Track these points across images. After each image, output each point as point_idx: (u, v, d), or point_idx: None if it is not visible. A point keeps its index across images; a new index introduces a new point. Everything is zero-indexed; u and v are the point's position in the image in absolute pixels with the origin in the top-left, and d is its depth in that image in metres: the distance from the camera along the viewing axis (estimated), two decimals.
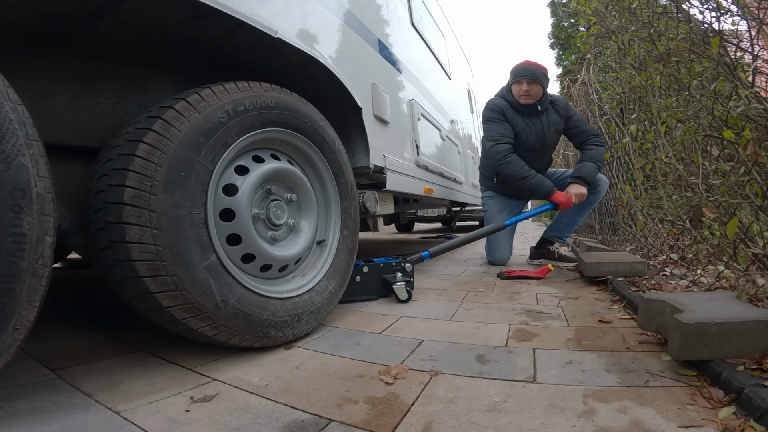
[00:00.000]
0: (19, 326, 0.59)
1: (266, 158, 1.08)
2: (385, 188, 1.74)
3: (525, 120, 2.25)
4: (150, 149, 0.79)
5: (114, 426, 0.63)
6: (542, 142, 2.28)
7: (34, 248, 0.60)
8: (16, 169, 0.58)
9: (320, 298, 1.13)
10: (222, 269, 0.88)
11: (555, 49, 14.40)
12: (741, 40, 1.23)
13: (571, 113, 2.33)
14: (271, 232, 1.07)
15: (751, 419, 0.59)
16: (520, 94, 2.21)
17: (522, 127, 2.24)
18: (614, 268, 1.64)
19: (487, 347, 0.98)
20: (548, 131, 2.28)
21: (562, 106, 2.31)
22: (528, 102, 2.21)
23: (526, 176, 2.14)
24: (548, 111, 2.29)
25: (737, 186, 1.12)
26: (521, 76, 2.20)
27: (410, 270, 1.60)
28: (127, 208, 0.75)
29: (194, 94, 0.88)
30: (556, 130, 2.31)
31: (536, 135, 2.25)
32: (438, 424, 0.63)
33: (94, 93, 0.95)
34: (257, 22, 0.98)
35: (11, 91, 0.59)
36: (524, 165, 2.15)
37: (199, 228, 0.84)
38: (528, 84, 2.18)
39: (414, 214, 5.77)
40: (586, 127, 2.31)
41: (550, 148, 2.35)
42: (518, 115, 2.25)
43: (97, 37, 0.91)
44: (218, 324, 0.86)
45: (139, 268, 0.76)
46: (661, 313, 0.90)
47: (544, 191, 2.15)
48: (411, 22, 2.39)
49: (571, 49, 12.62)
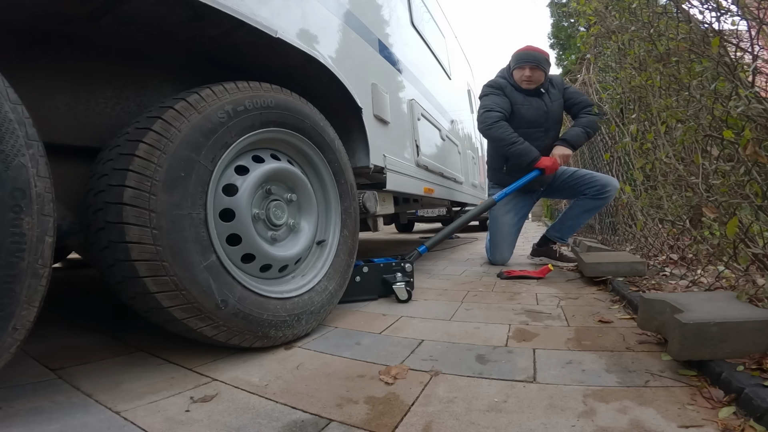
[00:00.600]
0: (19, 326, 0.59)
1: (266, 158, 1.08)
2: (385, 188, 1.74)
3: (524, 97, 2.28)
4: (150, 149, 0.79)
5: (114, 426, 0.63)
6: (545, 116, 2.29)
7: (33, 248, 0.60)
8: (16, 169, 0.58)
9: (320, 298, 1.13)
10: (222, 269, 0.88)
11: (555, 49, 14.40)
12: (741, 40, 1.23)
13: (567, 86, 2.40)
14: (271, 232, 1.07)
15: (751, 419, 0.59)
16: (522, 79, 2.23)
17: (521, 102, 2.26)
18: (614, 268, 1.64)
19: (487, 347, 0.98)
20: (551, 106, 2.30)
21: (558, 82, 2.37)
22: (530, 87, 2.25)
23: (515, 141, 2.17)
24: (549, 90, 2.33)
25: (737, 186, 1.12)
26: (524, 61, 2.21)
27: (410, 270, 1.60)
28: (127, 208, 0.75)
29: (194, 94, 0.88)
30: (559, 104, 2.33)
31: (537, 109, 2.27)
32: (438, 424, 0.63)
33: (94, 93, 0.94)
34: (257, 22, 0.98)
35: (11, 91, 0.59)
36: (513, 132, 2.19)
37: (199, 228, 0.84)
38: (531, 70, 2.20)
39: (414, 214, 5.78)
40: (581, 98, 2.36)
41: (555, 123, 2.35)
42: (517, 91, 2.28)
43: (97, 37, 0.91)
44: (218, 324, 0.86)
45: (139, 268, 0.76)
46: (661, 313, 0.90)
47: (531, 158, 2.18)
48: (411, 22, 2.38)
49: (571, 49, 12.62)
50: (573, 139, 2.23)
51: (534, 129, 2.26)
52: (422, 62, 2.55)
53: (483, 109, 2.26)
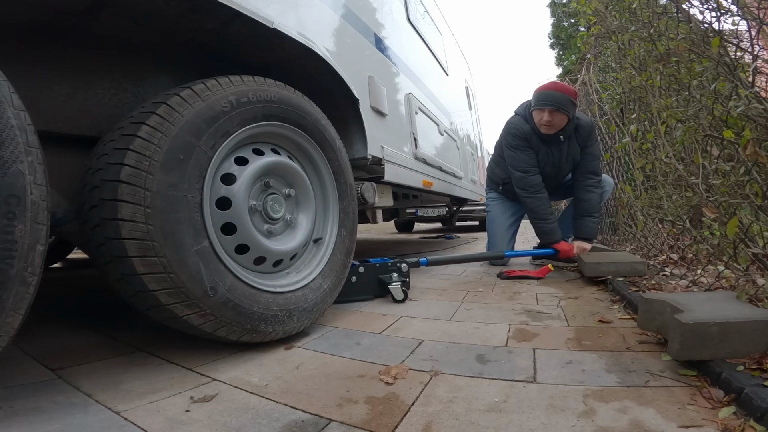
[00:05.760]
0: (3, 333, 0.58)
1: (266, 152, 1.08)
2: (384, 179, 1.75)
3: (545, 148, 2.12)
4: (152, 131, 0.80)
5: (114, 426, 0.63)
6: (557, 172, 2.19)
7: (24, 256, 0.59)
8: (13, 176, 0.58)
9: (314, 296, 1.12)
10: (214, 256, 0.88)
11: (555, 49, 14.41)
12: (741, 40, 1.23)
13: (589, 144, 2.13)
14: (268, 225, 1.07)
15: (751, 419, 0.59)
16: (541, 123, 2.01)
17: (542, 156, 2.13)
18: (614, 268, 1.64)
19: (487, 347, 0.98)
20: (565, 162, 2.14)
21: (583, 135, 2.11)
22: (549, 132, 2.04)
23: (547, 219, 2.08)
24: (570, 139, 2.10)
25: (737, 186, 1.12)
26: (544, 104, 1.98)
27: (406, 270, 1.59)
28: (123, 185, 0.75)
29: (200, 84, 0.91)
30: (573, 160, 2.16)
31: (552, 166, 2.16)
32: (438, 424, 0.63)
33: (92, 84, 0.95)
34: (253, 13, 0.99)
35: (15, 96, 0.59)
36: (549, 206, 2.10)
37: (193, 211, 0.84)
38: (550, 114, 1.98)
39: (414, 213, 5.78)
40: (592, 166, 2.15)
41: (563, 177, 2.29)
42: (540, 142, 2.11)
43: (95, 29, 0.92)
44: (205, 312, 0.84)
45: (128, 247, 0.75)
46: (661, 313, 0.90)
47: (553, 239, 2.10)
48: (407, 18, 2.41)
49: (571, 49, 12.62)
50: (591, 236, 2.12)
51: (545, 181, 2.14)
52: (419, 58, 2.57)
53: (520, 172, 2.10)
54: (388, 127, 1.83)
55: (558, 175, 2.23)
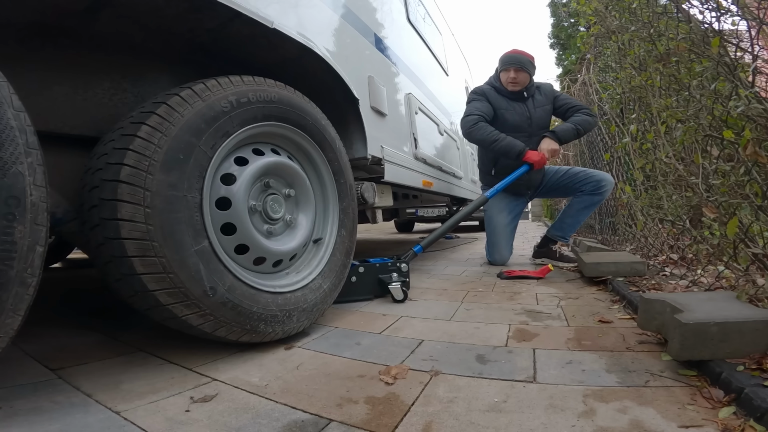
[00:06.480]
0: (2, 334, 0.58)
1: (266, 152, 1.08)
2: (384, 179, 1.75)
3: (508, 102, 2.35)
4: (151, 131, 0.80)
5: (114, 426, 0.63)
6: (528, 121, 2.35)
7: (24, 257, 0.59)
8: (13, 177, 0.57)
9: (314, 297, 1.12)
10: (213, 256, 0.87)
11: (555, 49, 14.42)
12: (741, 40, 1.23)
13: (557, 94, 2.45)
14: (267, 226, 1.07)
15: (751, 419, 0.59)
16: (508, 81, 2.32)
17: (505, 107, 2.34)
18: (614, 268, 1.64)
19: (487, 347, 0.98)
20: (534, 111, 2.36)
21: (547, 89, 2.43)
22: (516, 89, 2.33)
23: (497, 139, 2.21)
24: (534, 96, 2.40)
25: (737, 186, 1.12)
26: (509, 64, 2.31)
27: (406, 270, 1.59)
28: (123, 185, 0.75)
29: (200, 84, 0.91)
30: (544, 110, 2.39)
31: (520, 114, 2.34)
32: (438, 424, 0.63)
33: (91, 84, 0.95)
34: (253, 13, 0.99)
35: (15, 98, 0.59)
36: (493, 130, 2.23)
37: (193, 211, 0.84)
38: (515, 71, 2.29)
39: (414, 214, 5.77)
40: (573, 102, 2.41)
41: (539, 129, 2.38)
42: (501, 97, 2.36)
43: (95, 29, 0.92)
44: (205, 312, 0.84)
45: (128, 247, 0.75)
46: (661, 313, 0.90)
47: (517, 151, 2.20)
48: (407, 18, 2.41)
49: (571, 49, 12.63)
50: (561, 132, 2.27)
51: (517, 133, 2.29)
52: (419, 58, 2.57)
53: (464, 115, 2.33)
54: (388, 127, 1.83)
55: (531, 124, 2.36)
